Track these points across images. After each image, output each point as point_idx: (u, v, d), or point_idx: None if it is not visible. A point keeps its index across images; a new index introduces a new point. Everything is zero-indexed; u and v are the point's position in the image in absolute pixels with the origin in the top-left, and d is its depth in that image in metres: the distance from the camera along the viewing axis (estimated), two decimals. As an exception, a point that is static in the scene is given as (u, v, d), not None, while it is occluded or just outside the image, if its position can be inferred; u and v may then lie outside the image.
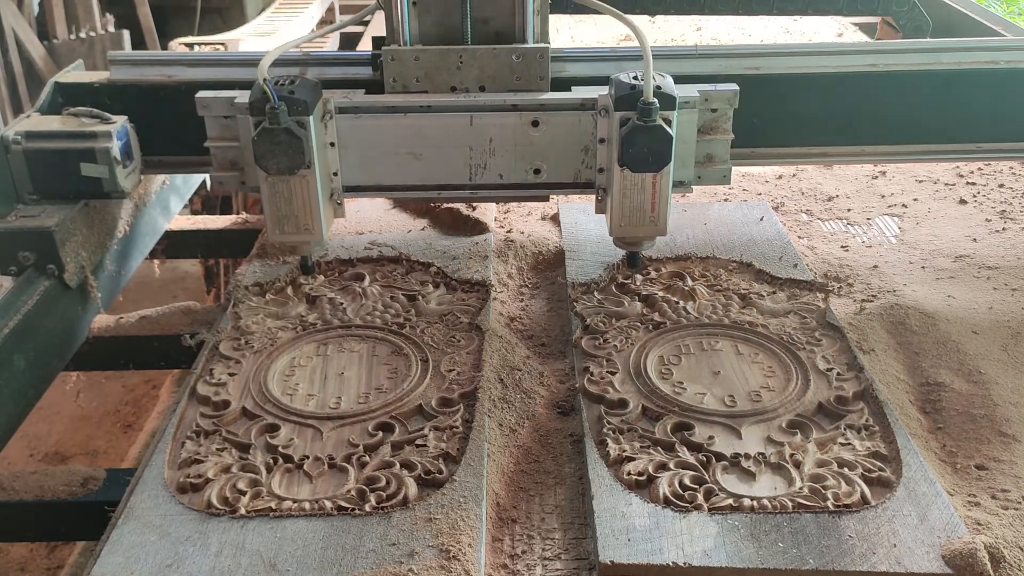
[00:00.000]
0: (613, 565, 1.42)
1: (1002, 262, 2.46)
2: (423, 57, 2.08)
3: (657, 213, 2.04)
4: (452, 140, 2.08)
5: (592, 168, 2.10)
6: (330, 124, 2.03)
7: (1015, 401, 1.87)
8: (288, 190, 1.99)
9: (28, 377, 1.95)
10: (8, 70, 5.46)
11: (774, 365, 1.92)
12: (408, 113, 2.06)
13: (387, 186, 2.13)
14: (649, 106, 1.90)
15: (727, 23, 4.81)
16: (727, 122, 2.10)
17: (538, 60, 2.10)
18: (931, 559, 1.41)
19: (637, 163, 1.95)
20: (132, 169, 2.20)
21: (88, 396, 4.85)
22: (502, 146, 2.09)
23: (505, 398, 1.85)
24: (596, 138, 2.06)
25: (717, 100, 2.07)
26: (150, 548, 1.45)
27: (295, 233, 2.05)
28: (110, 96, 2.26)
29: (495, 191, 2.15)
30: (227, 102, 2.04)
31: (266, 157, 1.92)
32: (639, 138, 1.92)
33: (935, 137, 2.35)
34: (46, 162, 2.12)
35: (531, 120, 2.06)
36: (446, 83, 2.11)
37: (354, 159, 2.08)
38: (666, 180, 1.99)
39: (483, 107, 2.06)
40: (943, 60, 2.29)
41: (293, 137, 1.92)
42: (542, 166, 2.10)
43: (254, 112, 1.93)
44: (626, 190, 2.00)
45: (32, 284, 2.03)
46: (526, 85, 2.11)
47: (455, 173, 2.11)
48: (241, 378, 1.89)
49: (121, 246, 2.37)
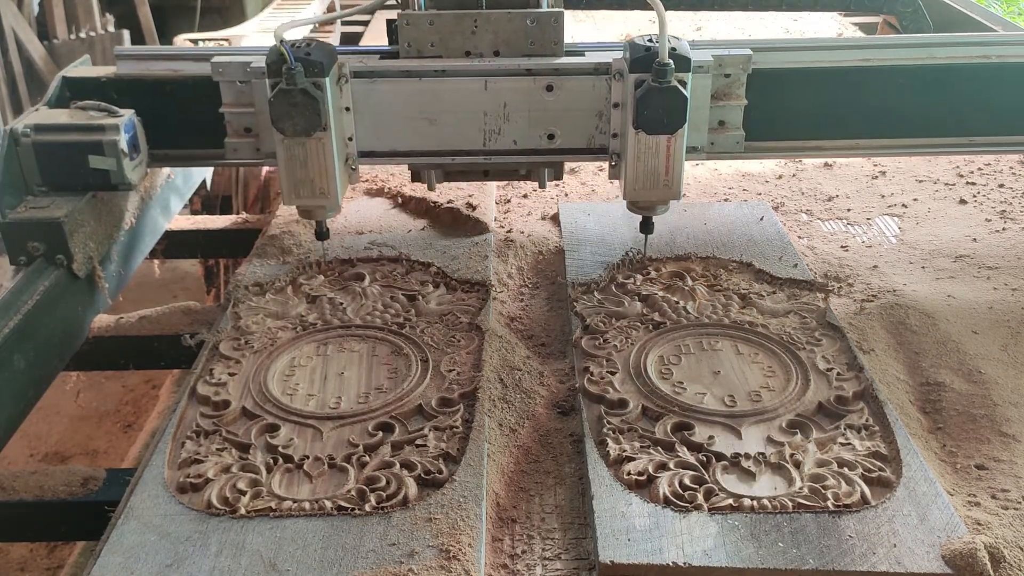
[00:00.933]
0: (613, 565, 1.42)
1: (1002, 262, 2.46)
2: (438, 21, 2.08)
3: (671, 177, 2.03)
4: (466, 105, 2.08)
5: (606, 133, 2.10)
6: (345, 88, 2.03)
7: (1015, 401, 1.87)
8: (304, 153, 1.99)
9: (28, 377, 1.95)
10: (8, 70, 5.46)
11: (774, 365, 1.92)
12: (423, 77, 2.06)
13: (401, 151, 2.14)
14: (664, 67, 1.90)
15: (727, 23, 4.82)
16: (740, 88, 2.10)
17: (552, 24, 2.09)
18: (931, 559, 1.41)
19: (652, 125, 1.95)
20: (139, 162, 2.23)
21: (88, 396, 4.84)
22: (516, 111, 2.09)
23: (505, 398, 1.85)
24: (610, 103, 2.06)
25: (731, 65, 2.07)
26: (150, 548, 1.45)
27: (310, 197, 2.05)
28: (117, 90, 2.29)
29: (509, 156, 2.15)
30: (243, 67, 2.04)
31: (282, 118, 1.93)
32: (654, 99, 1.92)
33: (928, 131, 2.38)
34: (55, 154, 2.15)
35: (545, 85, 2.06)
36: (460, 48, 2.10)
37: (369, 124, 2.09)
38: (680, 143, 1.99)
39: (497, 71, 2.06)
40: (936, 55, 2.31)
41: (309, 98, 1.92)
42: (556, 131, 2.10)
43: (271, 73, 1.93)
44: (640, 154, 2.00)
45: (41, 274, 2.06)
46: (540, 50, 2.10)
47: (469, 138, 2.12)
48: (241, 378, 1.89)
49: (123, 245, 2.39)
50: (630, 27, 4.72)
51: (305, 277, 2.31)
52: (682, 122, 1.95)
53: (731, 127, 2.13)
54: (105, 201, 2.27)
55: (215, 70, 2.06)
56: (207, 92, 2.24)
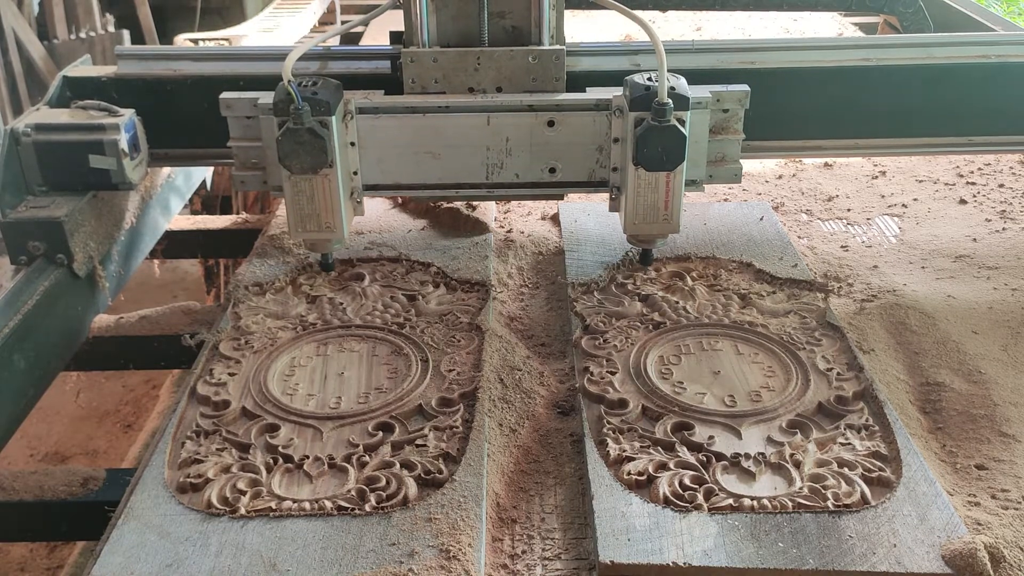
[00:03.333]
0: (613, 565, 1.42)
1: (1002, 262, 2.46)
2: (441, 59, 2.13)
3: (670, 211, 2.07)
4: (470, 140, 2.11)
5: (606, 167, 2.13)
6: (351, 124, 2.06)
7: (1015, 401, 1.87)
8: (311, 189, 2.02)
9: (28, 377, 1.95)
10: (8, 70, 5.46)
11: (774, 365, 1.92)
12: (427, 113, 2.09)
13: (405, 185, 2.17)
14: (663, 107, 1.94)
15: (727, 24, 4.82)
16: (738, 122, 2.14)
17: (554, 61, 2.13)
18: (931, 559, 1.41)
19: (651, 162, 1.99)
20: (139, 161, 2.24)
21: (88, 396, 4.85)
22: (518, 146, 2.12)
23: (505, 398, 1.85)
24: (610, 138, 2.10)
25: (728, 100, 2.11)
26: (150, 548, 1.45)
27: (316, 231, 2.09)
28: (117, 90, 2.30)
29: (511, 190, 2.18)
30: (250, 103, 2.07)
31: (290, 156, 1.96)
32: (653, 138, 1.96)
33: (927, 131, 2.38)
34: (55, 154, 2.15)
35: (547, 120, 2.09)
36: (464, 84, 2.15)
37: (373, 158, 2.12)
38: (679, 179, 2.03)
39: (500, 108, 2.10)
40: (935, 54, 2.32)
41: (316, 137, 1.95)
42: (557, 165, 2.13)
43: (278, 112, 1.96)
44: (640, 189, 2.04)
45: (42, 274, 2.06)
46: (542, 86, 2.15)
47: (472, 172, 2.15)
48: (241, 378, 1.89)
49: (123, 244, 2.39)
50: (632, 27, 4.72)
51: (305, 277, 2.31)
52: (680, 160, 1.99)
53: (729, 160, 2.17)
54: (106, 201, 2.27)
55: (223, 105, 2.09)
56: (207, 92, 2.24)
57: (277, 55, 2.33)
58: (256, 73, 2.28)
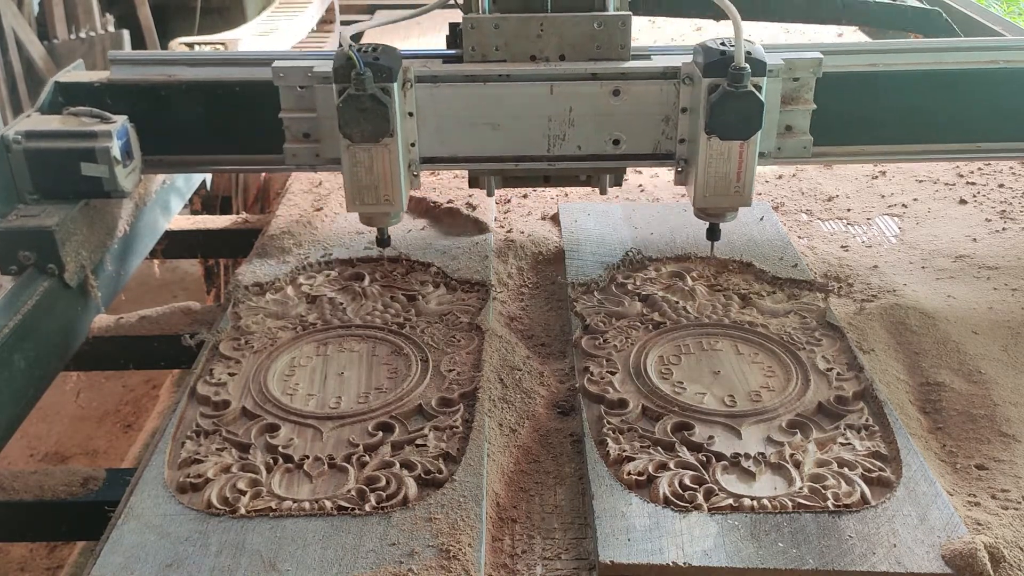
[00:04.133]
0: (613, 565, 1.42)
1: (1002, 262, 2.46)
2: (503, 25, 2.05)
3: (743, 183, 1.99)
4: (531, 110, 2.05)
5: (672, 139, 2.06)
6: (409, 93, 2.00)
7: (1015, 401, 1.87)
8: (369, 160, 1.95)
9: (28, 377, 1.95)
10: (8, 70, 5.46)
11: (774, 365, 1.92)
12: (487, 82, 2.03)
13: (463, 157, 2.10)
14: (741, 71, 1.86)
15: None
16: (809, 92, 2.06)
17: (620, 28, 2.05)
18: (931, 559, 1.41)
19: (727, 130, 1.92)
20: (132, 168, 2.20)
21: (88, 396, 4.85)
22: (581, 116, 2.05)
23: (505, 398, 1.85)
24: (678, 107, 2.02)
25: (800, 68, 2.03)
26: (150, 548, 1.45)
27: (374, 204, 2.01)
28: (111, 96, 2.26)
29: (573, 162, 2.11)
30: (304, 71, 2.00)
31: (351, 124, 1.89)
32: (730, 104, 1.88)
33: (935, 137, 2.35)
34: (46, 162, 2.12)
35: (612, 89, 2.02)
36: (526, 52, 2.07)
37: (431, 129, 2.05)
38: (753, 149, 1.95)
39: (563, 76, 2.02)
40: (943, 60, 2.29)
41: (379, 104, 1.88)
42: (621, 137, 2.06)
43: (338, 79, 1.89)
44: (711, 159, 1.96)
45: (32, 284, 2.02)
46: (607, 54, 2.06)
47: (533, 144, 2.08)
48: (241, 378, 1.89)
49: (121, 246, 2.38)
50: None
51: (305, 277, 2.31)
52: (758, 127, 1.92)
53: (798, 132, 2.09)
54: (98, 209, 2.23)
55: (275, 74, 2.02)
56: (202, 97, 2.23)
57: (272, 60, 2.32)
58: (252, 78, 2.24)
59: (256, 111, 2.25)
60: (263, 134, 2.28)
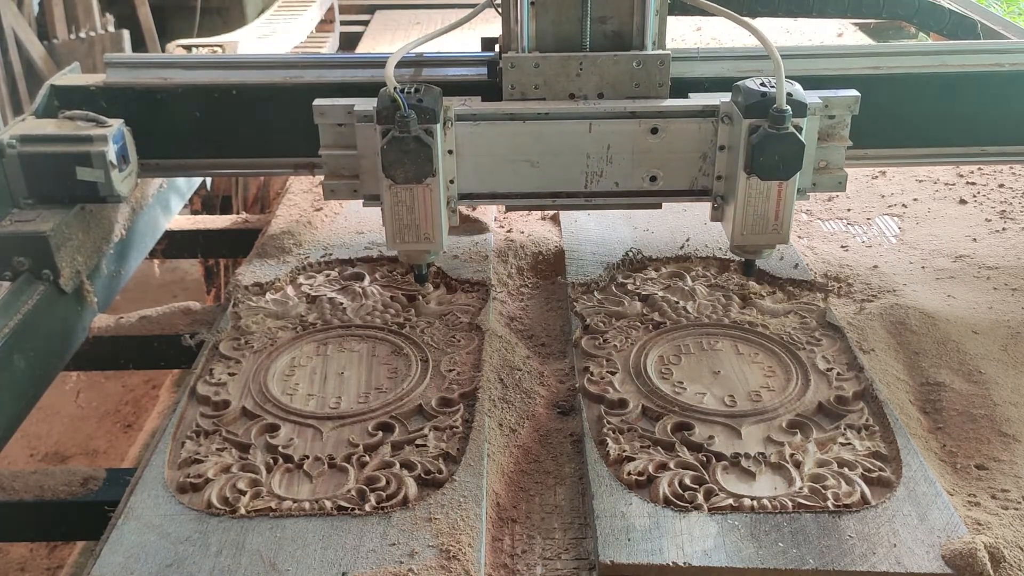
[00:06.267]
0: (613, 565, 1.42)
1: (1002, 262, 2.46)
2: (543, 64, 2.06)
3: (780, 221, 1.99)
4: (570, 148, 2.05)
5: (709, 176, 2.06)
6: (450, 132, 2.00)
7: (1015, 401, 1.87)
8: (411, 199, 1.95)
9: (28, 377, 1.95)
10: (8, 70, 5.46)
11: (774, 365, 1.92)
12: (527, 120, 2.03)
13: (502, 194, 2.10)
14: (782, 113, 1.87)
15: (727, 23, 4.80)
16: (844, 128, 2.07)
17: (658, 66, 2.06)
18: (931, 559, 1.41)
19: (767, 171, 1.92)
20: (128, 173, 2.18)
21: (88, 396, 4.85)
22: (619, 153, 2.05)
23: (505, 398, 1.85)
24: (716, 145, 2.02)
25: (837, 106, 2.04)
26: (150, 548, 1.45)
27: (415, 242, 2.01)
28: (106, 99, 2.24)
29: (610, 199, 2.11)
30: (344, 110, 2.00)
31: (395, 166, 1.88)
32: (771, 145, 1.88)
33: (938, 140, 2.33)
34: (41, 166, 2.10)
35: (650, 127, 2.02)
36: (565, 90, 2.08)
37: (470, 166, 2.05)
38: (792, 188, 1.95)
39: (602, 115, 2.03)
40: (947, 63, 2.27)
41: (422, 145, 1.88)
42: (659, 173, 2.06)
43: (382, 120, 1.89)
44: (750, 198, 1.96)
45: (27, 290, 2.00)
46: (645, 92, 2.08)
47: (571, 181, 2.08)
48: (241, 378, 1.89)
49: (119, 247, 2.37)
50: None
51: (305, 277, 2.31)
52: (798, 168, 1.92)
53: (834, 167, 2.09)
54: (94, 213, 2.22)
55: (316, 112, 2.02)
56: (199, 100, 2.22)
57: (271, 63, 2.31)
58: (249, 82, 2.25)
59: (253, 114, 2.24)
60: (260, 138, 2.28)
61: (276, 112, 2.24)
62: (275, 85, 2.23)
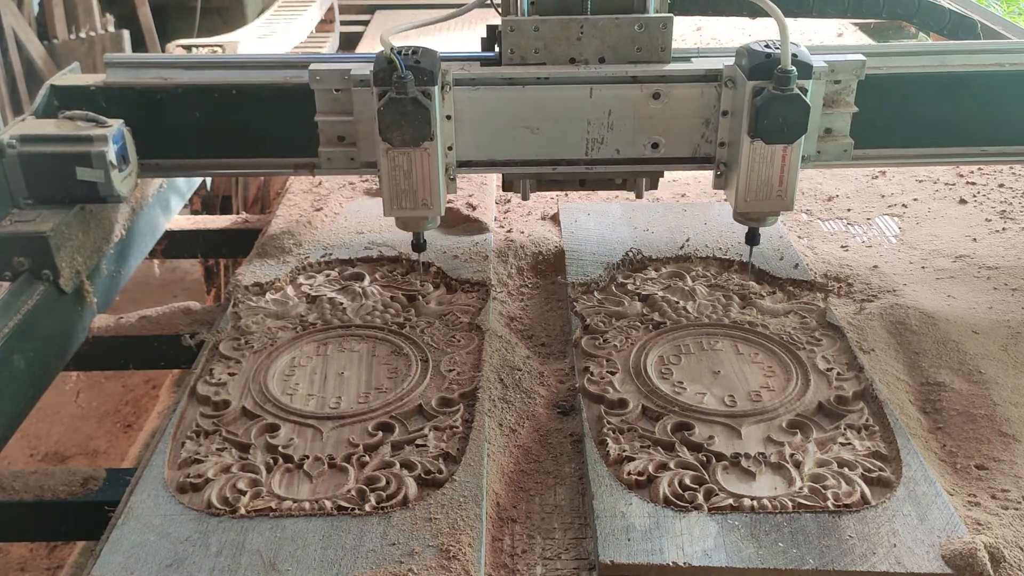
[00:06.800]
0: (613, 565, 1.42)
1: (1002, 262, 2.46)
2: (543, 27, 2.02)
3: (785, 187, 1.96)
4: (570, 113, 2.02)
5: (712, 142, 2.03)
6: (448, 96, 1.97)
7: (1015, 401, 1.87)
8: (408, 164, 1.92)
9: (28, 377, 1.94)
10: (8, 70, 5.46)
11: (774, 365, 1.92)
12: (526, 85, 2.00)
13: (501, 161, 2.08)
14: (787, 74, 1.84)
15: (727, 23, 4.81)
16: (850, 94, 2.03)
17: (661, 30, 2.02)
18: (931, 559, 1.41)
19: (772, 134, 1.89)
20: (128, 173, 2.18)
21: (88, 396, 4.85)
22: (621, 120, 2.03)
23: (505, 398, 1.85)
24: (719, 110, 1.99)
25: (842, 71, 2.00)
26: (150, 548, 1.45)
27: (412, 208, 1.98)
28: (106, 99, 2.24)
29: (611, 166, 2.08)
30: (341, 74, 1.98)
31: (392, 128, 1.86)
32: (775, 108, 1.86)
33: (938, 141, 2.32)
34: (41, 166, 2.09)
35: (652, 92, 1.99)
36: (565, 54, 2.05)
37: (469, 133, 2.03)
38: (796, 153, 1.92)
39: (604, 79, 2.00)
40: (948, 63, 2.27)
41: (420, 107, 1.85)
42: (660, 140, 2.04)
43: (379, 82, 1.86)
44: (754, 163, 1.93)
45: (27, 290, 1.99)
46: (647, 56, 2.04)
47: (571, 148, 2.06)
48: (241, 378, 1.89)
49: (119, 247, 2.37)
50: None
51: (305, 277, 2.31)
52: (803, 130, 1.89)
53: (839, 135, 2.07)
54: (94, 213, 2.21)
55: (312, 77, 2.00)
56: (199, 100, 2.21)
57: (271, 63, 2.31)
58: (249, 82, 2.24)
59: (253, 115, 2.24)
60: (260, 138, 2.27)
61: (276, 112, 2.24)
62: (275, 85, 2.23)
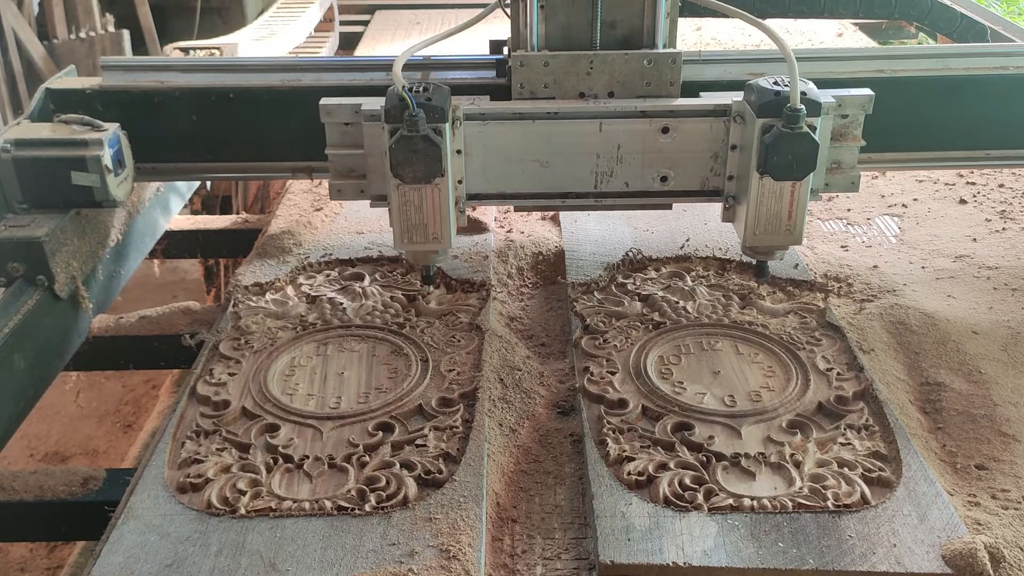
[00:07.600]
0: (613, 565, 1.42)
1: (1002, 262, 2.46)
2: (553, 63, 2.04)
3: (794, 221, 1.96)
4: (580, 147, 2.03)
5: (721, 176, 2.04)
6: (458, 131, 1.98)
7: (1015, 401, 1.87)
8: (419, 199, 1.93)
9: (27, 377, 1.94)
10: (8, 70, 5.47)
11: (774, 365, 1.92)
12: (536, 120, 2.01)
13: (510, 194, 2.09)
14: (796, 113, 1.85)
15: (727, 23, 4.81)
16: (858, 128, 2.05)
17: (670, 65, 2.04)
18: (931, 559, 1.41)
19: (781, 171, 1.89)
20: (124, 177, 2.16)
21: (88, 396, 4.85)
22: (630, 153, 2.03)
23: (505, 398, 1.85)
24: (728, 145, 2.00)
25: (850, 105, 2.02)
26: (150, 548, 1.45)
27: (423, 242, 1.99)
28: (102, 102, 2.22)
29: (620, 199, 2.09)
30: (351, 109, 1.99)
31: (403, 165, 1.86)
32: (784, 145, 1.86)
33: (942, 144, 2.31)
34: (36, 171, 2.08)
35: (661, 127, 2.01)
36: (575, 89, 2.07)
37: (479, 166, 2.04)
38: (805, 188, 1.93)
39: (613, 114, 2.01)
40: (951, 66, 2.26)
41: (431, 145, 1.85)
42: (669, 174, 2.04)
43: (390, 119, 1.86)
44: (763, 198, 1.94)
45: (21, 296, 1.97)
46: (656, 91, 2.06)
47: (580, 181, 2.06)
48: (241, 378, 1.89)
49: (117, 249, 2.35)
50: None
51: (305, 277, 2.31)
52: (812, 168, 1.89)
53: (846, 167, 2.07)
54: (89, 218, 2.19)
55: (323, 111, 2.00)
56: (195, 104, 2.21)
57: (268, 67, 2.30)
58: (246, 85, 2.23)
59: (250, 118, 2.23)
60: (257, 142, 2.27)
61: (274, 116, 2.23)
62: (273, 88, 2.23)
